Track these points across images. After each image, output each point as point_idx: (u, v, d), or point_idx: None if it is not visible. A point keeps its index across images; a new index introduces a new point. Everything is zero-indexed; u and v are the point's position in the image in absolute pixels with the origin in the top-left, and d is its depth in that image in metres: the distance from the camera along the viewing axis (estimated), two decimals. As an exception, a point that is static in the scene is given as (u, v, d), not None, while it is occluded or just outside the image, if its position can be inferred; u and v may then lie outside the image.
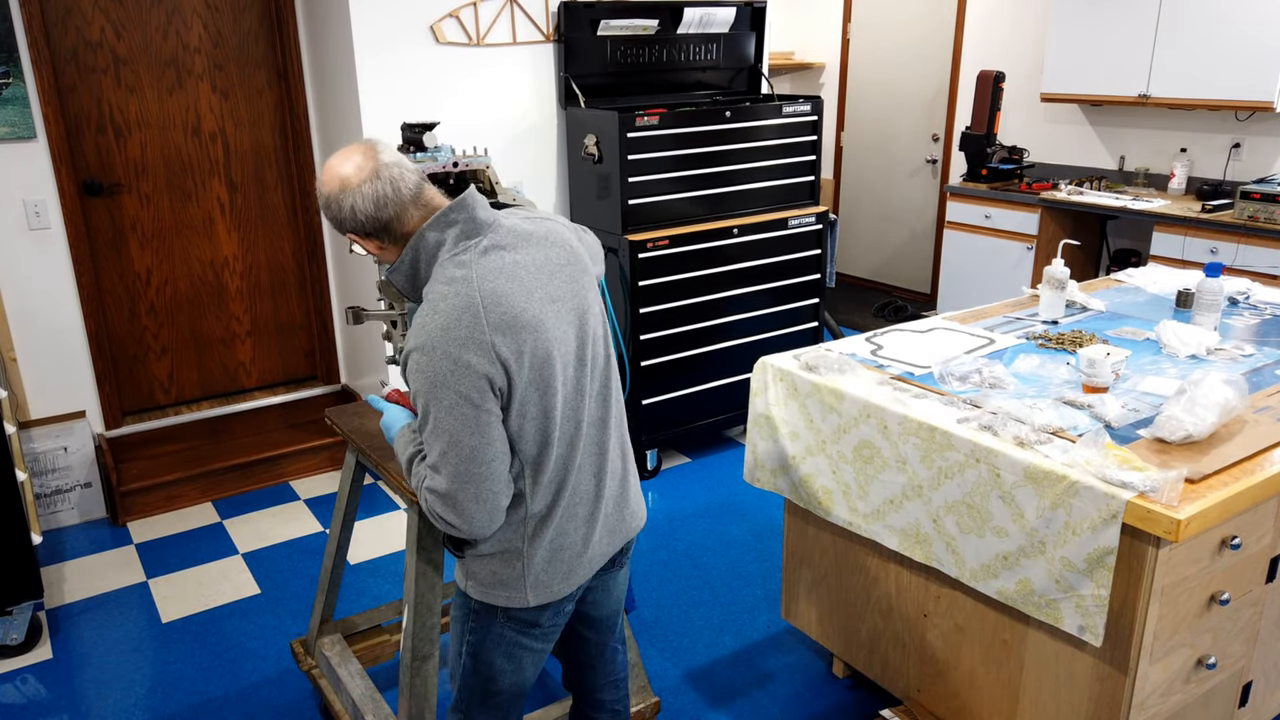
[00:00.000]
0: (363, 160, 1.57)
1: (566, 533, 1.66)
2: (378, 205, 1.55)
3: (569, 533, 1.67)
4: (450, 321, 1.47)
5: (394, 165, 1.58)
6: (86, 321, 3.77)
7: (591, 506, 1.69)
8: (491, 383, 1.48)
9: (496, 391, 1.50)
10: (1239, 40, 4.24)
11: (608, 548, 1.75)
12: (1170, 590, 1.84)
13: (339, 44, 3.66)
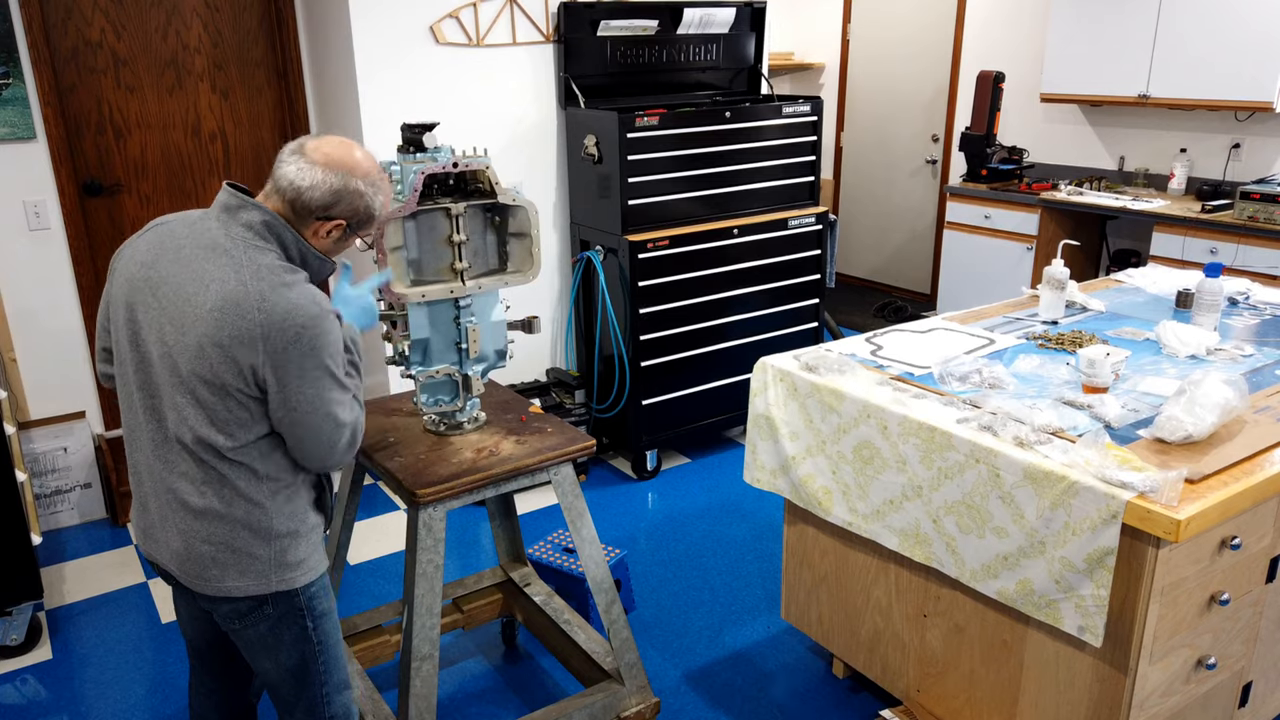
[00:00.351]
0: (318, 155, 1.71)
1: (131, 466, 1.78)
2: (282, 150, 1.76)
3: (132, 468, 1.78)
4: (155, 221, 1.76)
5: (289, 169, 1.71)
6: (86, 321, 3.77)
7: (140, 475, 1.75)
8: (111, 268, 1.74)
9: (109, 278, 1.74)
10: (1239, 40, 4.24)
11: (149, 542, 1.78)
12: (1170, 590, 1.84)
13: (339, 44, 3.66)
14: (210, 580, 1.71)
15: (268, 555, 1.72)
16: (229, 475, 1.67)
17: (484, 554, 3.43)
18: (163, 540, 1.74)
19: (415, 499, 2.01)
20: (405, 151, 2.16)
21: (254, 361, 1.59)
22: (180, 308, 1.61)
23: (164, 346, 1.63)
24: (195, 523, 1.68)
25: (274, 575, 1.73)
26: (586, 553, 2.33)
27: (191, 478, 1.67)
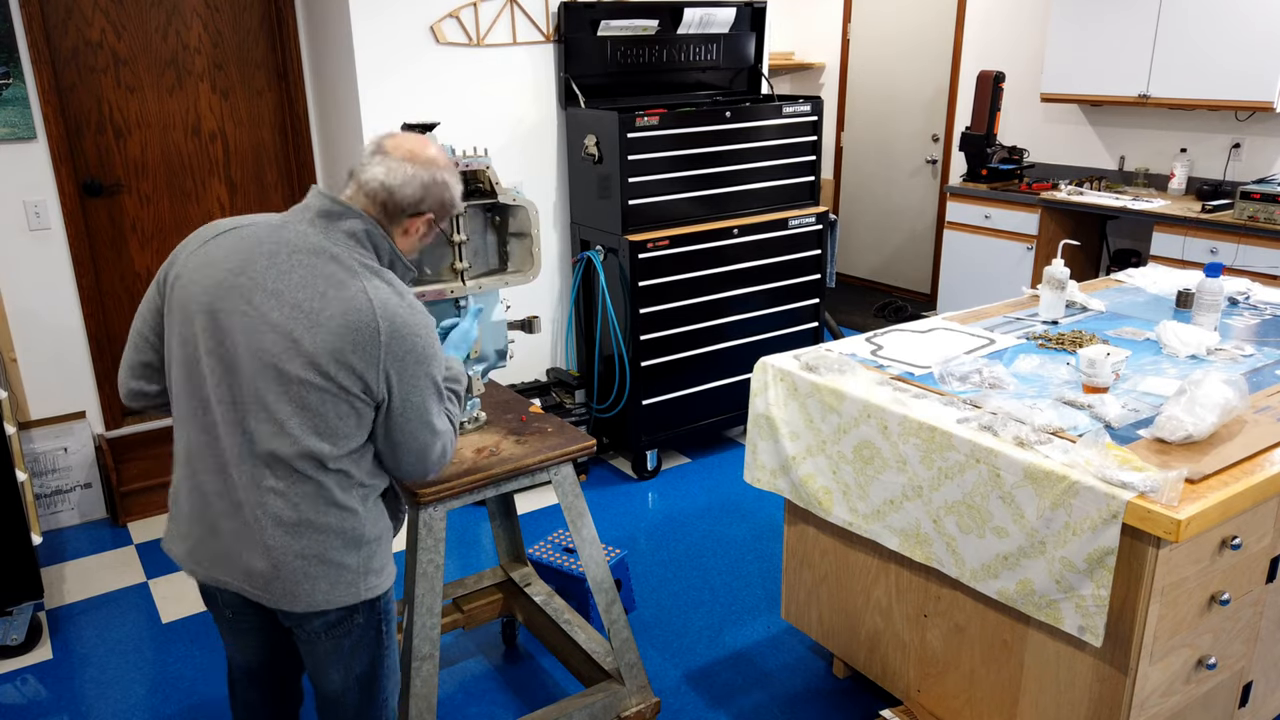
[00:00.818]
0: (400, 149, 1.70)
1: (178, 489, 1.70)
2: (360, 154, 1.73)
3: (179, 490, 1.70)
4: (209, 226, 1.69)
5: (377, 171, 1.70)
6: (86, 321, 3.77)
7: (206, 496, 1.65)
8: (164, 276, 1.67)
9: (161, 290, 1.67)
10: (1239, 40, 4.24)
11: (214, 566, 1.68)
12: (1170, 590, 1.84)
13: (339, 44, 3.66)
14: (301, 596, 1.66)
15: (356, 563, 1.70)
16: (326, 484, 1.62)
17: (484, 554, 3.43)
18: (238, 562, 1.65)
19: (415, 499, 2.01)
20: (405, 151, 2.16)
21: (374, 370, 1.58)
22: (291, 315, 1.55)
23: (266, 355, 1.56)
24: (287, 538, 1.62)
25: (362, 583, 1.71)
26: (587, 553, 2.33)
27: (284, 491, 1.60)
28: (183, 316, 1.62)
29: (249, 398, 1.58)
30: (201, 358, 1.60)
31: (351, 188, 1.67)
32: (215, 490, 1.64)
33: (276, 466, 1.60)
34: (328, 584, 1.67)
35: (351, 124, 3.71)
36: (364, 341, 1.56)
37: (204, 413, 1.62)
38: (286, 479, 1.60)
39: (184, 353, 1.62)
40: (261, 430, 1.58)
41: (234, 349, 1.58)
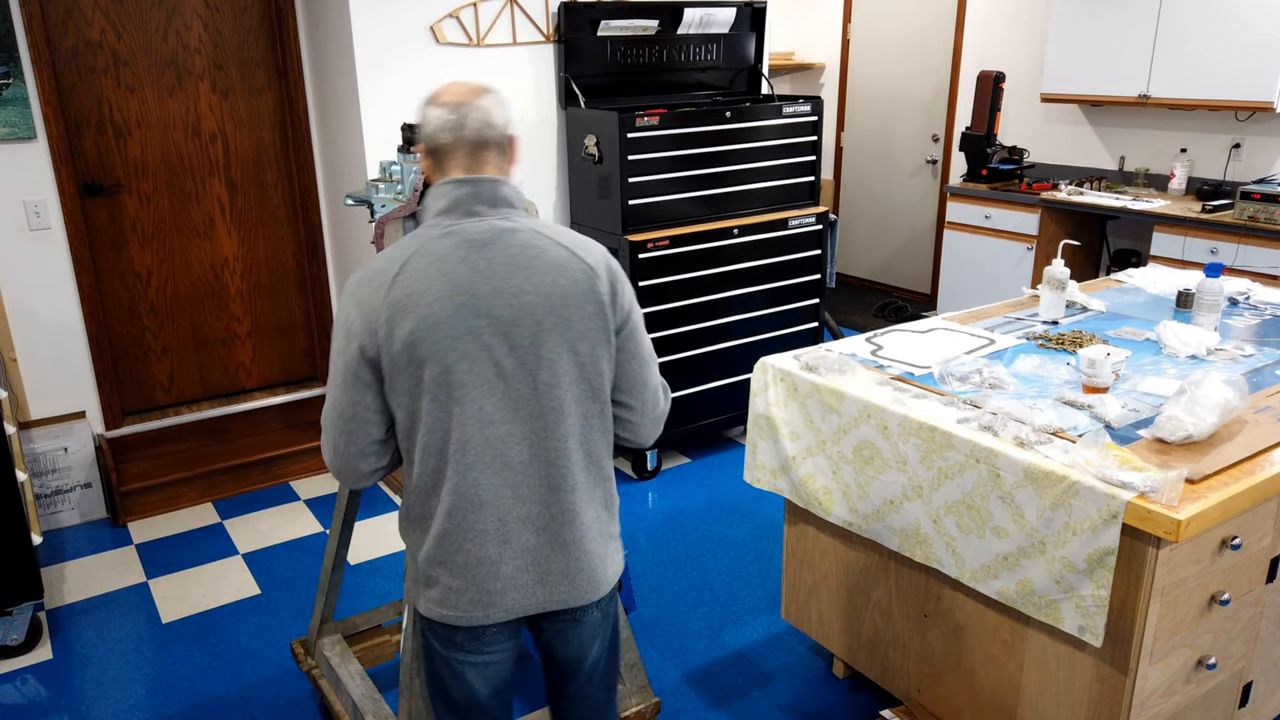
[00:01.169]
0: (468, 89, 1.57)
1: (460, 544, 1.56)
2: (435, 132, 1.56)
3: (465, 545, 1.56)
4: (368, 276, 1.52)
5: (472, 115, 1.55)
6: (86, 321, 3.77)
7: (500, 531, 1.56)
8: (363, 349, 1.50)
9: (368, 359, 1.50)
10: (1239, 40, 4.24)
11: (534, 597, 1.60)
12: (1170, 590, 1.84)
13: (339, 44, 3.66)
14: (598, 581, 1.64)
15: (618, 526, 1.72)
16: (609, 463, 1.66)
17: (484, 554, 3.43)
18: (534, 580, 1.59)
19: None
20: (405, 151, 2.16)
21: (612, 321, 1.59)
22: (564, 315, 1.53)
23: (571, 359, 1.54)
24: (599, 522, 1.64)
25: (620, 543, 1.73)
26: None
27: (581, 485, 1.60)
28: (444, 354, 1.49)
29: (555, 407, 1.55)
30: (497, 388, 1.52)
31: (461, 152, 1.56)
32: (518, 515, 1.56)
33: (578, 463, 1.59)
34: (614, 556, 1.69)
35: (351, 124, 3.71)
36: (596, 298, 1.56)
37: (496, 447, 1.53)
38: (584, 470, 1.60)
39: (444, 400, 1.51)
40: (573, 433, 1.57)
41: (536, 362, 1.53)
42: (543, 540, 1.59)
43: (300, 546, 3.50)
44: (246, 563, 3.40)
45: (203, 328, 4.13)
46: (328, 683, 2.49)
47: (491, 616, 1.60)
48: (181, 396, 4.16)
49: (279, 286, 4.27)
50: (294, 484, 4.00)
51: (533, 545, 1.58)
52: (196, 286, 4.08)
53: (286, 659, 2.86)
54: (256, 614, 3.09)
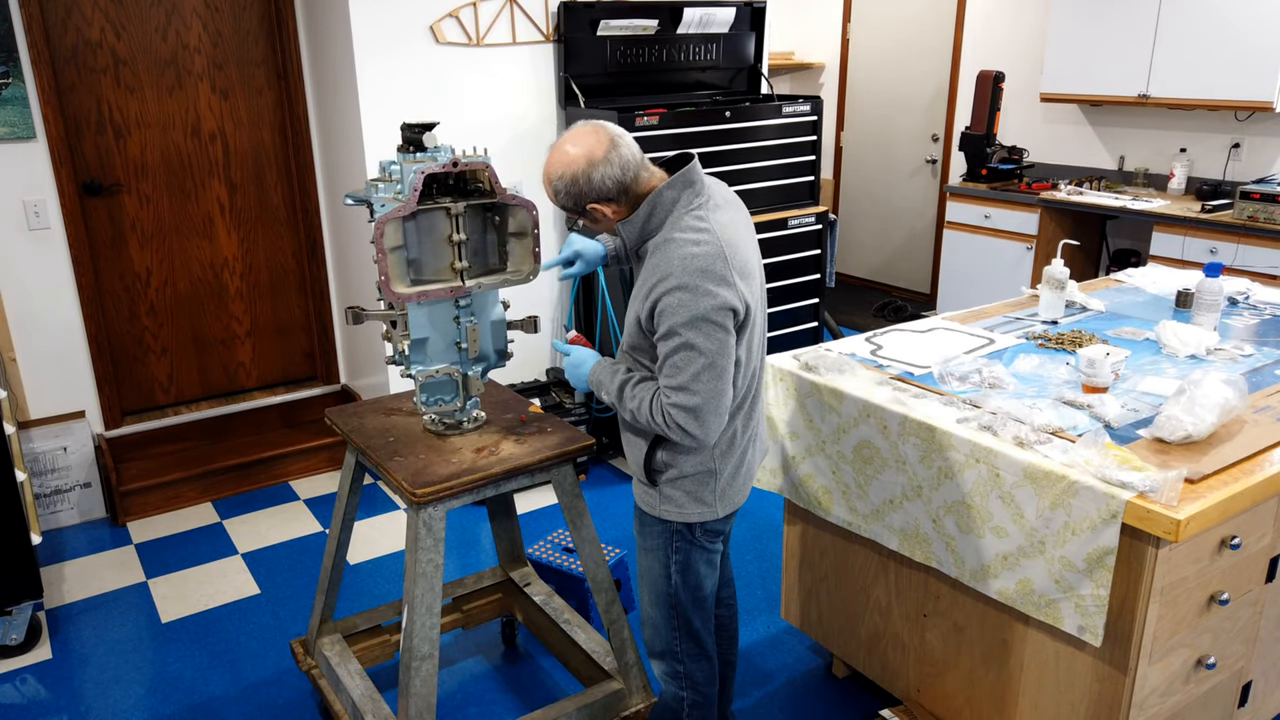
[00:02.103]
0: (597, 137, 1.83)
1: (746, 450, 1.96)
2: (623, 170, 1.83)
3: (747, 449, 1.97)
4: (707, 264, 1.76)
5: (622, 135, 1.86)
6: (86, 321, 3.77)
7: (758, 427, 2.01)
8: (735, 314, 1.77)
9: (736, 323, 1.78)
10: (1239, 40, 4.24)
11: (761, 458, 2.09)
12: (1170, 590, 1.84)
13: (339, 44, 3.66)
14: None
15: None
16: None
17: (484, 554, 3.43)
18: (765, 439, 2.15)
19: (415, 499, 2.01)
20: (405, 151, 2.16)
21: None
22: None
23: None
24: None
25: None
26: (586, 552, 2.33)
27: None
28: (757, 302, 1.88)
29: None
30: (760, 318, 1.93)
31: (647, 167, 1.90)
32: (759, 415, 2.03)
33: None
34: None
35: (351, 124, 3.71)
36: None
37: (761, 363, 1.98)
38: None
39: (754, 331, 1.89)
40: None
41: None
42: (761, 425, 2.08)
43: (300, 546, 3.50)
44: (246, 563, 3.40)
45: (202, 328, 4.13)
46: (327, 682, 2.49)
47: (746, 492, 2.03)
48: (181, 396, 4.16)
49: (279, 286, 4.27)
50: (294, 484, 4.00)
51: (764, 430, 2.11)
52: (196, 286, 4.08)
53: (286, 659, 2.86)
54: (256, 614, 3.09)
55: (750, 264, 1.85)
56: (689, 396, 1.77)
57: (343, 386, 4.46)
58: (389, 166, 2.18)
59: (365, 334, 4.08)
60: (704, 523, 1.96)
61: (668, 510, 1.95)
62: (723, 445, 1.92)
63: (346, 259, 4.15)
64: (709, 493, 1.93)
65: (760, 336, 1.94)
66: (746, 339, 1.85)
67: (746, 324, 1.82)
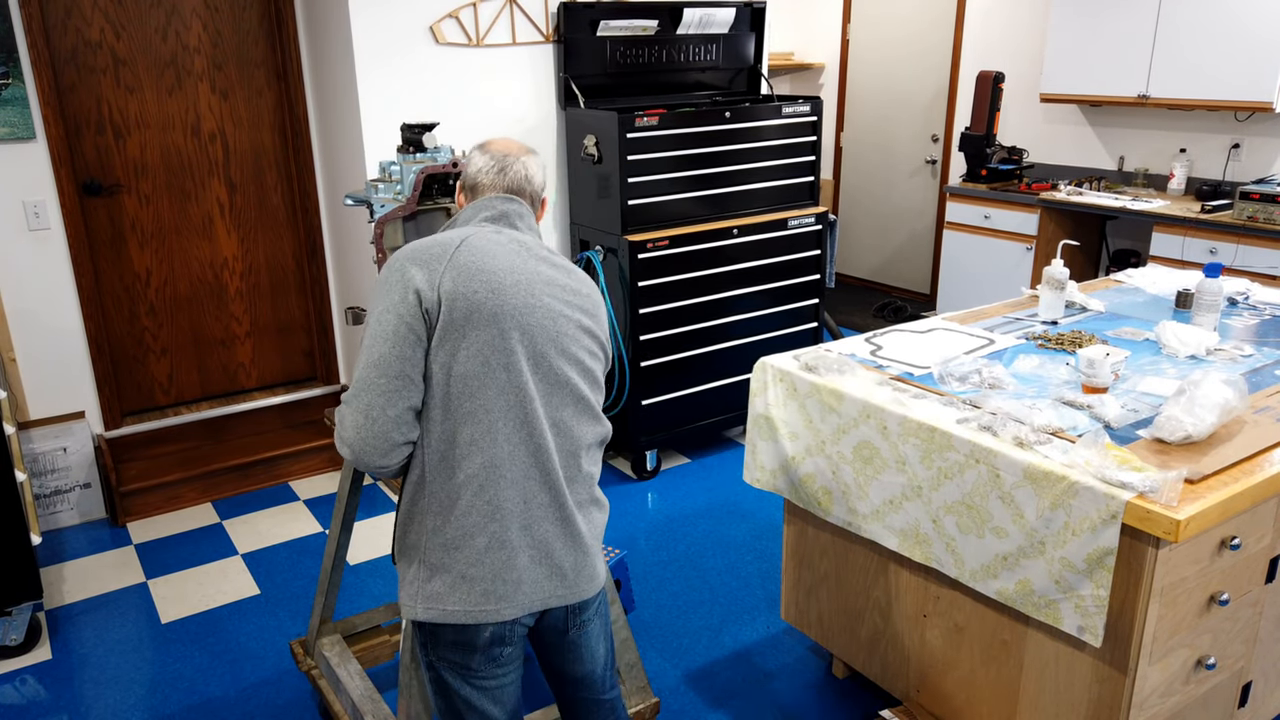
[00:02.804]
0: (519, 146, 1.79)
1: (476, 536, 1.57)
2: (478, 172, 1.74)
3: (475, 535, 1.57)
4: (421, 246, 1.60)
5: (520, 167, 1.74)
6: (86, 322, 3.77)
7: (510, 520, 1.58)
8: (421, 298, 1.53)
9: (424, 313, 1.53)
10: (1238, 40, 4.25)
11: (543, 592, 1.63)
12: (1170, 590, 1.84)
13: (339, 44, 3.66)
14: (597, 576, 1.71)
15: (606, 527, 1.81)
16: (600, 442, 1.74)
17: (484, 554, 3.43)
18: (554, 568, 1.63)
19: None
20: (405, 151, 2.16)
21: (600, 332, 1.72)
22: (568, 303, 1.65)
23: (569, 346, 1.64)
24: (593, 518, 1.71)
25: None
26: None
27: (591, 479, 1.71)
28: (486, 330, 1.55)
29: (563, 391, 1.63)
30: (523, 367, 1.58)
31: (497, 191, 1.73)
32: (539, 500, 1.61)
33: (586, 456, 1.69)
34: (600, 555, 1.74)
35: (351, 124, 3.71)
36: (600, 313, 1.72)
37: (525, 422, 1.58)
38: (593, 464, 1.71)
39: (494, 368, 1.56)
40: (578, 420, 1.66)
41: (548, 357, 1.61)
42: (557, 531, 1.63)
43: (300, 546, 3.50)
44: (246, 563, 3.40)
45: (202, 328, 4.13)
46: (327, 683, 2.49)
47: (503, 612, 1.60)
48: (181, 397, 4.16)
49: (279, 286, 4.27)
50: (293, 484, 4.00)
51: (556, 548, 1.63)
52: (196, 286, 4.07)
53: (286, 659, 2.86)
54: (256, 614, 3.09)
55: (494, 274, 1.56)
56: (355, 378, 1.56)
57: (343, 386, 4.46)
58: (389, 167, 2.18)
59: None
60: (433, 625, 1.58)
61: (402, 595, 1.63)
62: (436, 499, 1.58)
63: (346, 259, 4.15)
64: (421, 569, 1.58)
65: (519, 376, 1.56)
66: (486, 361, 1.54)
67: (440, 323, 1.53)
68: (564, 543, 1.64)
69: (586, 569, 1.68)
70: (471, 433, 1.55)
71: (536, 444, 1.60)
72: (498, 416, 1.56)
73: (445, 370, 1.54)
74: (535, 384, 1.59)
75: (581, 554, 1.67)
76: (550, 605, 1.66)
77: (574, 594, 1.67)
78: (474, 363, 1.54)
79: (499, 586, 1.59)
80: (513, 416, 1.57)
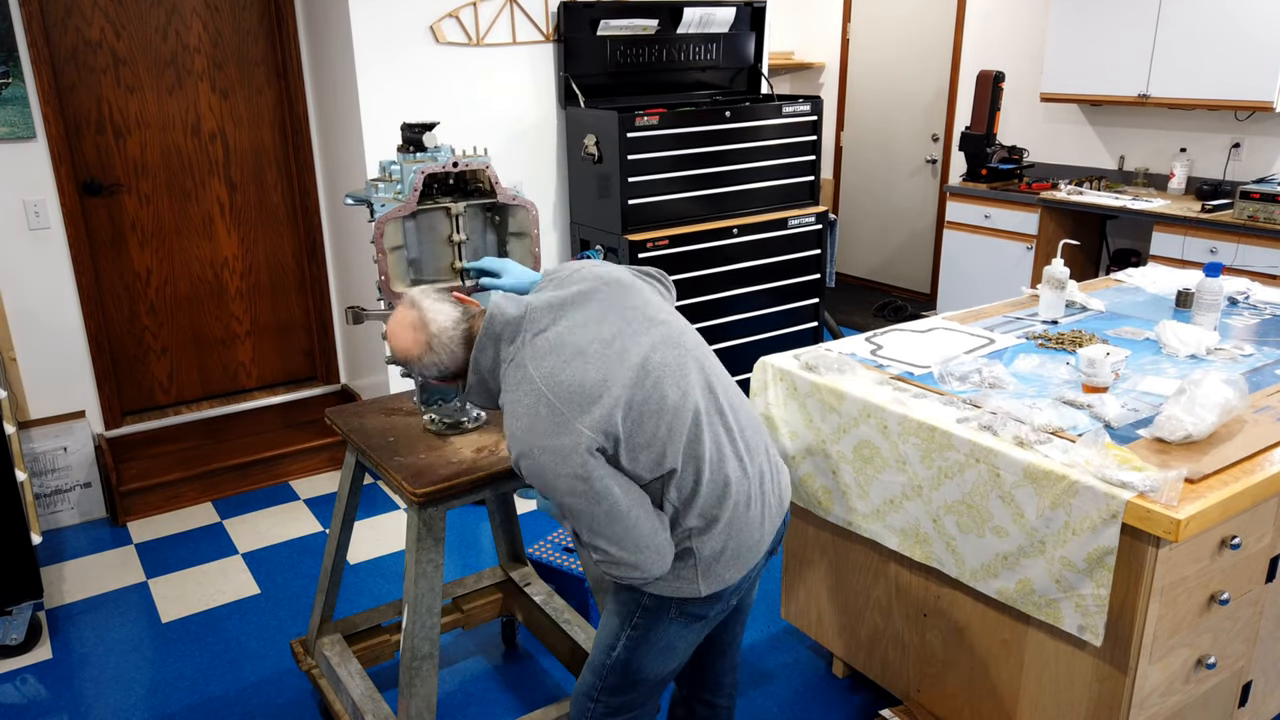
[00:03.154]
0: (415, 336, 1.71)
1: (733, 527, 1.71)
2: (440, 370, 1.73)
3: (735, 526, 1.71)
4: (531, 421, 1.59)
5: (440, 330, 1.70)
6: (86, 321, 3.77)
7: (748, 489, 1.73)
8: (590, 450, 1.58)
9: (596, 455, 1.59)
10: (1239, 40, 4.24)
11: (770, 529, 1.79)
12: (1170, 590, 1.84)
13: (339, 43, 3.66)
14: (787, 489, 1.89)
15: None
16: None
17: (484, 554, 3.43)
18: (782, 500, 1.84)
19: (415, 499, 2.01)
20: (405, 151, 2.16)
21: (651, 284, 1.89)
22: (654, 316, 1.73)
23: (665, 330, 1.72)
24: (772, 451, 1.86)
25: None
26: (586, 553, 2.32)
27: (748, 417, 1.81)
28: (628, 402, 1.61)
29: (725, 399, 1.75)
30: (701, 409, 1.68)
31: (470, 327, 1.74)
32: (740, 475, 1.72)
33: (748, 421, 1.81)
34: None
35: (351, 123, 3.71)
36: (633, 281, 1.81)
37: (696, 429, 1.67)
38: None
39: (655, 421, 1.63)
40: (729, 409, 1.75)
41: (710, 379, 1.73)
42: (768, 483, 1.79)
43: (300, 546, 3.50)
44: (246, 562, 3.40)
45: (202, 327, 4.13)
46: (327, 682, 2.49)
47: (742, 569, 1.77)
48: (181, 396, 4.16)
49: (279, 286, 4.27)
50: (294, 484, 4.00)
51: (768, 489, 1.79)
52: (196, 286, 4.07)
53: (286, 659, 2.86)
54: (256, 614, 3.09)
55: (590, 376, 1.60)
56: (600, 552, 1.64)
57: (343, 386, 4.46)
58: (389, 166, 2.18)
59: (365, 334, 4.08)
60: (681, 599, 1.75)
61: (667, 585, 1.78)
62: (696, 529, 1.69)
63: (346, 259, 4.15)
64: (687, 568, 1.72)
65: (685, 399, 1.66)
66: (646, 429, 1.61)
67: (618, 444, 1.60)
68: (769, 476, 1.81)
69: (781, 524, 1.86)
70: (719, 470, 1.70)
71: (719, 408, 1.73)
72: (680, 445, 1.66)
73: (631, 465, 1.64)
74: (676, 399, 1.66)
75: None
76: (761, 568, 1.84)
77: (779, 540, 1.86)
78: (645, 434, 1.63)
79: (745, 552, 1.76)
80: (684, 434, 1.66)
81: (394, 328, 1.75)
